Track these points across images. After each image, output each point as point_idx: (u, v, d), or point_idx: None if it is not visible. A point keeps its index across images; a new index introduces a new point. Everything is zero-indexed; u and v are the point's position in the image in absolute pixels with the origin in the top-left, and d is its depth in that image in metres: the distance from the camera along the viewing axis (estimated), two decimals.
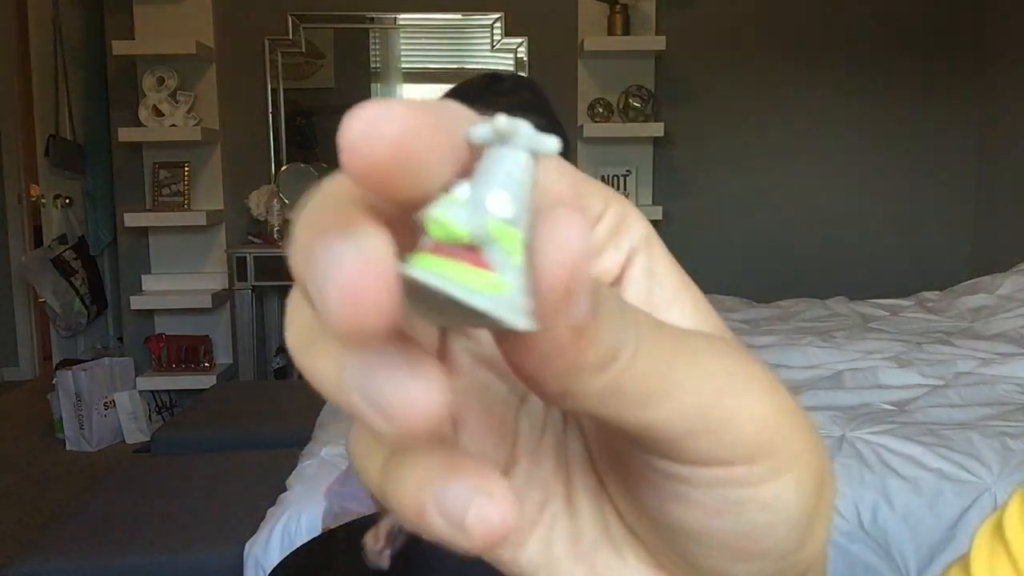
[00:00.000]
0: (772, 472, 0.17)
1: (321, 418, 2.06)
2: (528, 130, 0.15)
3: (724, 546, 0.18)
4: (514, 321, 0.14)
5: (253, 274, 3.49)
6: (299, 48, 3.74)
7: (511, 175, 0.15)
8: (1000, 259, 3.37)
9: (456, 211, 0.14)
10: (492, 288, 0.14)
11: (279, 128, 3.78)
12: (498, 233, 0.14)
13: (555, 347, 0.15)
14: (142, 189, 3.70)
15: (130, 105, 3.57)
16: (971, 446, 1.61)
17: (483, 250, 0.14)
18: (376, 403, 0.14)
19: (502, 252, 0.14)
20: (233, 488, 1.89)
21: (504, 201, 0.14)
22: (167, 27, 3.52)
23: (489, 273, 0.14)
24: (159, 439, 2.38)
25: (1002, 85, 3.69)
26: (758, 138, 3.81)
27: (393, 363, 0.15)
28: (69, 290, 4.12)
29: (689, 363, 0.17)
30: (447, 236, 0.14)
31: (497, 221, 0.14)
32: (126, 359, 3.73)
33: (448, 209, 0.14)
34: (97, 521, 1.76)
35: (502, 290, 0.14)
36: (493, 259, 0.14)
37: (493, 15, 3.73)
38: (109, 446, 3.56)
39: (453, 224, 0.14)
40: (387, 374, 0.14)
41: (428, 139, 0.14)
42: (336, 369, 0.15)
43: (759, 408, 0.17)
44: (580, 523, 0.21)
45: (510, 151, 0.15)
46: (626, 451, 0.18)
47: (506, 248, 0.14)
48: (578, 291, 0.14)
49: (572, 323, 0.15)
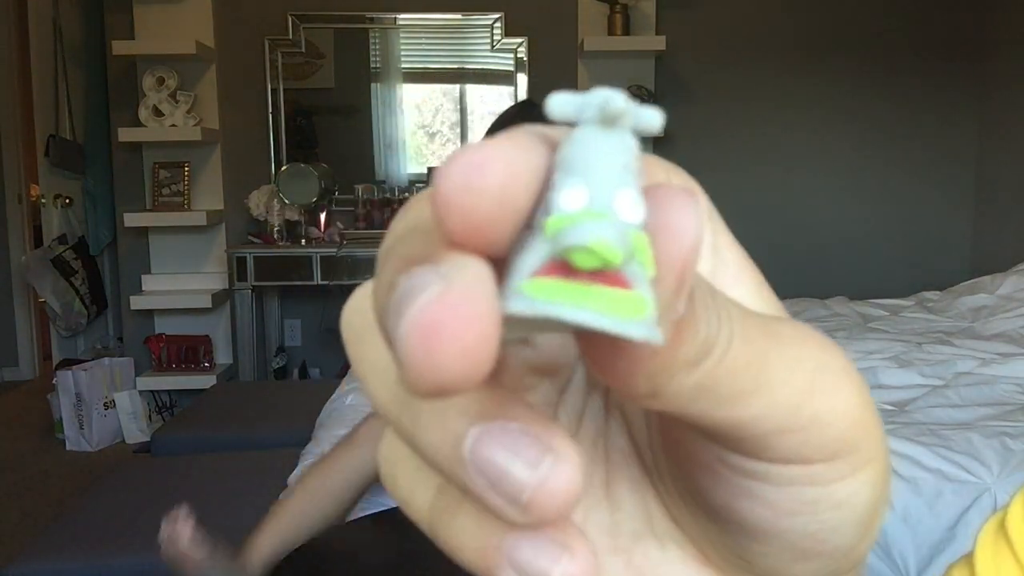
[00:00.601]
0: (851, 469, 0.16)
1: (321, 418, 2.06)
2: (632, 105, 0.13)
3: (789, 545, 0.17)
4: (652, 336, 0.12)
5: (253, 274, 3.49)
6: (299, 48, 3.74)
7: (628, 167, 0.12)
8: (1000, 259, 3.37)
9: (601, 231, 0.12)
10: (637, 310, 0.12)
11: (279, 128, 3.78)
12: (635, 244, 0.12)
13: (652, 346, 0.13)
14: (142, 189, 3.70)
15: (130, 105, 3.57)
16: (971, 446, 1.61)
17: (622, 268, 0.12)
18: (505, 491, 0.13)
19: (638, 264, 0.12)
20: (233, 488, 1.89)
21: (634, 203, 0.12)
22: (167, 27, 3.52)
23: (630, 293, 0.12)
24: (159, 439, 2.38)
25: (1002, 85, 3.68)
26: (758, 138, 3.81)
27: (519, 437, 0.13)
28: (69, 290, 4.12)
29: (780, 355, 0.15)
30: (602, 265, 0.12)
31: (633, 230, 0.12)
32: (126, 359, 3.73)
33: (589, 231, 0.12)
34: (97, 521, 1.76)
35: (646, 310, 0.12)
36: (631, 274, 0.12)
37: (493, 15, 3.73)
38: (109, 446, 3.56)
39: (608, 250, 0.12)
40: (514, 451, 0.13)
41: (527, 177, 0.12)
42: (449, 441, 0.13)
43: (849, 403, 0.16)
44: (619, 516, 0.19)
45: (617, 136, 0.13)
46: (695, 446, 0.17)
47: (641, 259, 0.12)
48: (689, 284, 0.13)
49: (675, 318, 0.13)
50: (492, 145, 0.12)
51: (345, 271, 3.48)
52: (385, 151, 3.88)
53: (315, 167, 3.57)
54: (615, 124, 0.13)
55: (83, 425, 3.51)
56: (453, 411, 0.13)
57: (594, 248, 0.12)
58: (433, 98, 3.89)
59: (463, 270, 0.12)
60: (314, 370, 3.95)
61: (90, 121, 4.21)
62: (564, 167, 0.12)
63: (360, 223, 3.70)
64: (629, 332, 0.12)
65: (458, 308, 0.11)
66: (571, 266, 0.12)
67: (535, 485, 0.12)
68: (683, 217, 0.13)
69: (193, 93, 3.56)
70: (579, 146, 0.12)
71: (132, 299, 3.62)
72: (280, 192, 3.54)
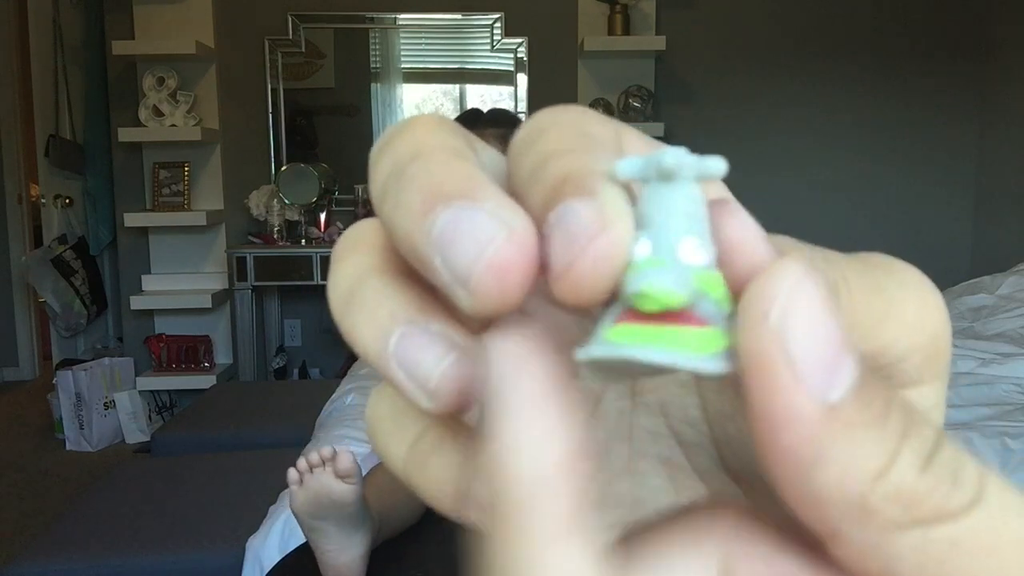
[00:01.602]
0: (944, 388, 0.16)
1: (321, 418, 2.06)
2: (692, 158, 0.14)
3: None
4: (720, 369, 0.13)
5: (253, 274, 3.49)
6: (299, 48, 3.74)
7: (691, 215, 0.14)
8: (1000, 259, 3.37)
9: (658, 277, 0.13)
10: (707, 345, 0.13)
11: (279, 128, 3.78)
12: (704, 284, 0.13)
13: (793, 430, 0.12)
14: (142, 189, 3.70)
15: (130, 105, 3.57)
16: (971, 446, 1.61)
17: (693, 308, 0.13)
18: (415, 377, 0.14)
19: (711, 303, 0.13)
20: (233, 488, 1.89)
21: (697, 248, 0.13)
22: (167, 27, 3.52)
23: (701, 330, 0.13)
24: (159, 439, 2.38)
25: (1003, 85, 3.68)
26: (758, 138, 3.81)
27: (431, 339, 0.15)
28: (69, 290, 4.12)
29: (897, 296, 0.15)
30: (663, 308, 0.13)
31: (700, 272, 0.13)
32: (126, 359, 3.73)
33: (647, 278, 0.13)
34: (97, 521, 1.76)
35: (717, 344, 0.13)
36: (704, 312, 0.13)
37: (493, 15, 3.73)
38: (109, 446, 3.56)
39: (666, 294, 0.13)
40: (423, 346, 0.14)
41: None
42: (379, 336, 0.15)
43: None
44: (643, 491, 0.19)
45: (680, 187, 0.14)
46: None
47: (714, 297, 0.13)
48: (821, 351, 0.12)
49: (817, 395, 0.12)
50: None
51: None
52: None
53: (315, 167, 3.57)
54: (675, 178, 0.14)
55: (83, 425, 3.51)
56: (384, 313, 0.15)
57: (650, 293, 0.13)
58: (433, 98, 3.89)
59: (516, 215, 0.13)
60: (314, 370, 3.95)
61: (90, 121, 4.21)
62: (638, 223, 0.14)
63: None
64: (697, 366, 0.13)
65: (522, 251, 0.13)
66: (643, 312, 0.13)
67: (433, 369, 0.14)
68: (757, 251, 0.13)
69: (193, 93, 3.56)
70: (646, 203, 0.14)
71: (132, 299, 3.62)
72: (280, 192, 3.54)
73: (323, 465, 1.10)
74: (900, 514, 0.12)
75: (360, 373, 2.25)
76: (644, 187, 0.14)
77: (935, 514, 0.12)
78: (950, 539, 0.12)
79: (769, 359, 0.12)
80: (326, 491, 1.10)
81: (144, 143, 3.60)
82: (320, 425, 2.01)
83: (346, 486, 1.10)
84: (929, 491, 0.12)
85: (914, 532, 0.12)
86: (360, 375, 2.23)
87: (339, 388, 2.18)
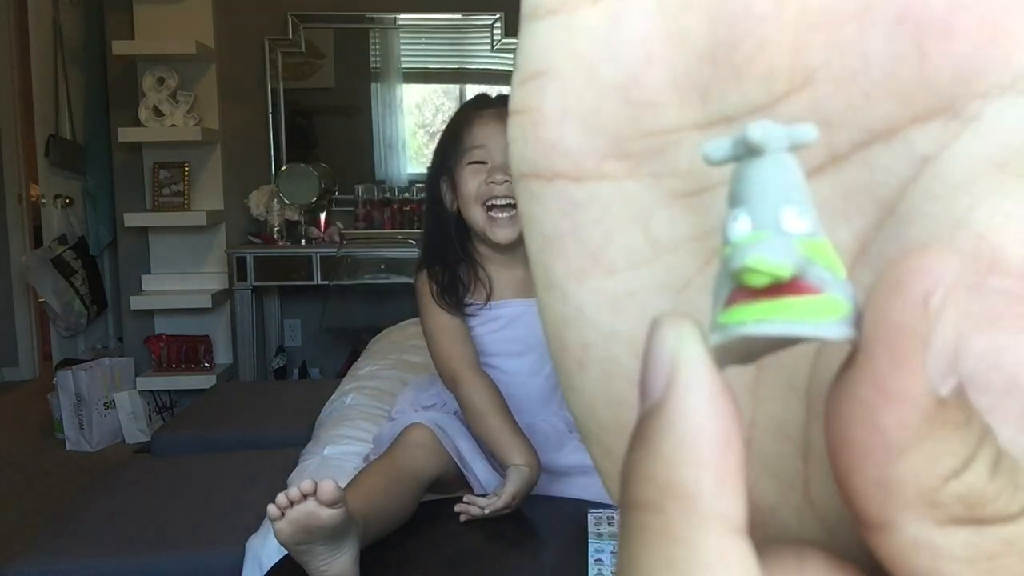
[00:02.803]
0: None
1: (321, 418, 2.06)
2: (781, 130, 0.13)
3: None
4: (848, 334, 0.13)
5: (253, 274, 3.49)
6: (299, 48, 3.75)
7: (788, 185, 0.13)
8: None
9: (763, 249, 0.13)
10: (830, 311, 0.13)
11: (279, 128, 3.79)
12: (810, 251, 0.13)
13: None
14: (142, 189, 3.70)
15: (130, 105, 3.57)
16: None
17: (803, 276, 0.13)
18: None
19: (821, 269, 0.13)
20: (233, 488, 1.89)
21: (798, 215, 0.13)
22: (167, 27, 3.52)
23: (819, 296, 0.13)
24: (159, 439, 2.38)
25: None
26: None
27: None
28: (69, 290, 4.12)
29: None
30: (773, 279, 0.13)
31: (805, 239, 0.13)
32: (126, 359, 3.73)
33: (752, 252, 0.13)
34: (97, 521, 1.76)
35: (840, 310, 0.13)
36: (816, 279, 0.13)
37: (493, 15, 3.73)
38: (109, 446, 3.56)
39: (773, 266, 0.13)
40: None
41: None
42: None
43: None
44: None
45: (772, 159, 0.13)
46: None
47: (822, 263, 0.13)
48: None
49: (934, 386, 0.12)
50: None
51: (345, 271, 3.49)
52: (385, 151, 3.88)
53: (315, 167, 3.57)
54: (766, 151, 0.13)
55: (83, 425, 3.51)
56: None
57: (756, 266, 0.13)
58: (433, 98, 3.89)
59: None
60: (314, 370, 3.95)
61: (90, 121, 4.21)
62: (731, 201, 0.14)
63: (360, 223, 3.70)
64: (821, 332, 0.13)
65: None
66: (753, 288, 0.13)
67: None
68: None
69: (193, 93, 3.56)
70: (739, 180, 0.14)
71: (132, 299, 3.62)
72: (280, 192, 3.54)
73: (304, 499, 1.11)
74: (962, 512, 0.12)
75: (360, 373, 2.25)
76: (736, 165, 0.14)
77: (995, 516, 0.12)
78: (1005, 539, 0.12)
79: (912, 337, 0.12)
80: (313, 520, 1.10)
81: (144, 143, 3.60)
82: (320, 425, 2.01)
83: (333, 511, 1.10)
84: (994, 495, 0.12)
85: (969, 529, 0.12)
86: (360, 375, 2.23)
87: (339, 388, 2.18)
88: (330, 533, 1.13)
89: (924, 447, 0.12)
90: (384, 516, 1.30)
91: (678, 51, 0.16)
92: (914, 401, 0.12)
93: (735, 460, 0.13)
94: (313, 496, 1.10)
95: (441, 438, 1.45)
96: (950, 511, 0.12)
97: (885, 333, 0.12)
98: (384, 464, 1.40)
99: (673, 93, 0.16)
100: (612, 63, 0.16)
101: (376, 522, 1.26)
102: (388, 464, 1.40)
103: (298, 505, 1.11)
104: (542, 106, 0.17)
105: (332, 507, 1.10)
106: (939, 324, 0.12)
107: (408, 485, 1.36)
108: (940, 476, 0.12)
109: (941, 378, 0.12)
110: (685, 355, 0.13)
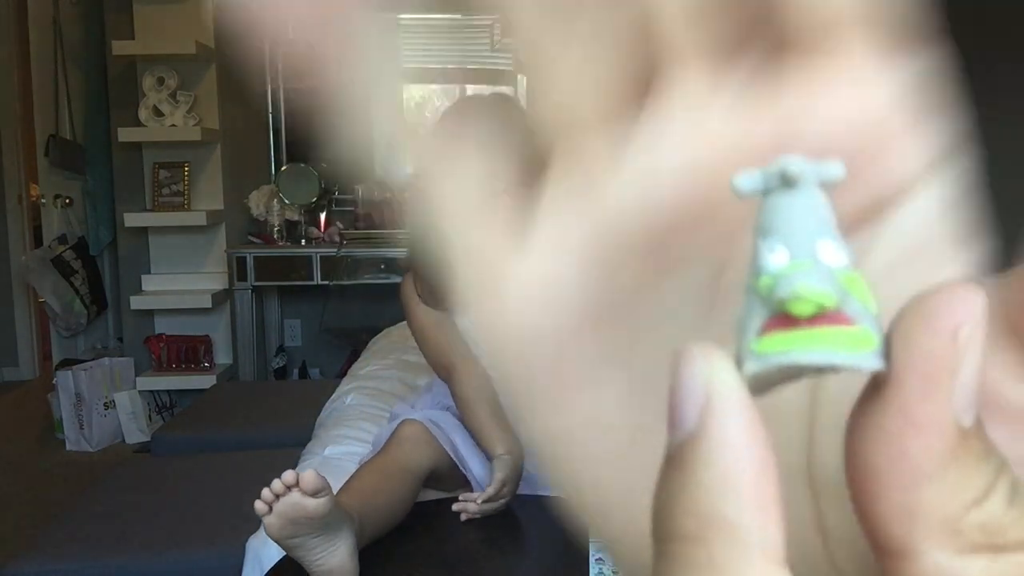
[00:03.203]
0: None
1: (321, 418, 2.06)
2: (810, 165, 0.14)
3: None
4: (881, 366, 0.13)
5: (253, 274, 3.49)
6: None
7: (821, 219, 0.14)
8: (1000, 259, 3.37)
9: (810, 279, 0.13)
10: (864, 344, 0.13)
11: (279, 128, 3.78)
12: (847, 284, 0.13)
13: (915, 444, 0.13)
14: (142, 189, 3.70)
15: (130, 105, 3.57)
16: None
17: (842, 307, 0.13)
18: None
19: (856, 302, 0.13)
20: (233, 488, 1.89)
21: (836, 249, 0.14)
22: (167, 27, 3.52)
23: (854, 328, 0.13)
24: (159, 439, 2.38)
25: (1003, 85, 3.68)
26: None
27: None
28: (69, 290, 4.12)
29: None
30: (817, 309, 0.13)
31: (842, 272, 0.13)
32: (126, 359, 3.73)
33: (798, 280, 0.13)
34: (97, 521, 1.76)
35: (872, 343, 0.13)
36: (852, 311, 0.13)
37: (493, 15, 3.72)
38: (109, 446, 3.56)
39: (820, 295, 0.13)
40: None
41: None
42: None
43: None
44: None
45: (805, 192, 0.14)
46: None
47: (857, 296, 0.13)
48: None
49: (959, 416, 0.13)
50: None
51: (345, 271, 3.49)
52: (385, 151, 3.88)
53: (315, 167, 3.57)
54: (798, 185, 0.14)
55: (83, 425, 3.51)
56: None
57: (805, 295, 0.13)
58: (433, 98, 3.89)
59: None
60: (314, 370, 3.95)
61: (90, 121, 4.21)
62: (763, 233, 0.14)
63: (360, 223, 3.70)
64: (860, 363, 0.13)
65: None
66: (792, 317, 0.13)
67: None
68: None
69: (193, 93, 3.56)
70: (772, 212, 0.14)
71: (132, 299, 3.62)
72: (280, 192, 3.54)
73: (288, 490, 1.12)
74: (981, 540, 0.13)
75: (360, 373, 2.25)
76: (766, 198, 0.14)
77: (1014, 543, 0.13)
78: (1020, 563, 0.13)
79: (940, 370, 0.13)
80: (299, 511, 1.12)
81: (144, 143, 3.60)
82: (320, 425, 2.01)
83: (318, 500, 1.12)
84: (1012, 522, 0.13)
85: (987, 557, 0.13)
86: (360, 375, 2.23)
87: (339, 388, 2.18)
88: (320, 524, 1.14)
89: (948, 476, 0.13)
90: (380, 510, 1.31)
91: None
92: (941, 430, 0.13)
93: (773, 490, 0.13)
94: (296, 487, 1.11)
95: (436, 434, 1.46)
96: (971, 539, 0.13)
97: (916, 363, 0.13)
98: (377, 461, 1.42)
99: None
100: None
101: (372, 517, 1.28)
102: (381, 460, 1.41)
103: (284, 498, 1.12)
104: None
105: (316, 496, 1.12)
106: (966, 357, 0.13)
107: (402, 479, 1.37)
108: (963, 504, 0.13)
109: (965, 409, 0.13)
110: (719, 384, 0.13)
